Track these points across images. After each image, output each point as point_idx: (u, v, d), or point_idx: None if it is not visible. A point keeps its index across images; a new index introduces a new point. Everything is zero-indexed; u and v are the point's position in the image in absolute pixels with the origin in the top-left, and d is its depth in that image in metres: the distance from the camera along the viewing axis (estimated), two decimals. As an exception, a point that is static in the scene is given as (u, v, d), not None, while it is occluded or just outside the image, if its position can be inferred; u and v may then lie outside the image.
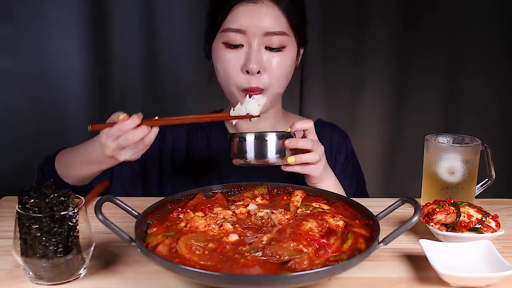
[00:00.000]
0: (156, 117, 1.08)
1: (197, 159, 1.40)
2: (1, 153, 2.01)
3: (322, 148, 1.16)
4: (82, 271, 0.83)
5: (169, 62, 2.07)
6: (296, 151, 1.12)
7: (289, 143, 1.10)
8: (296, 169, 1.13)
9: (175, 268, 0.74)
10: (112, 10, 1.98)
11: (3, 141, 2.00)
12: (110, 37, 2.01)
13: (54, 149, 1.34)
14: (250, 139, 1.10)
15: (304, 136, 1.16)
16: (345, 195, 1.13)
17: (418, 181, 1.23)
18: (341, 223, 0.89)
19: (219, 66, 1.25)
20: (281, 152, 1.10)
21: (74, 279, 0.82)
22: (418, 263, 0.90)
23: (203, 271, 0.71)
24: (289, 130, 1.14)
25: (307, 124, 1.15)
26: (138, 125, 1.04)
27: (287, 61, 1.24)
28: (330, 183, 1.21)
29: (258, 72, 1.20)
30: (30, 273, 0.80)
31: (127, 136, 1.04)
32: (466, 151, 1.14)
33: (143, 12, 2.01)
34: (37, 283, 0.81)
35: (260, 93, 1.22)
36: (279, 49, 1.22)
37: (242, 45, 1.21)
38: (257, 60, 1.19)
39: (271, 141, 1.10)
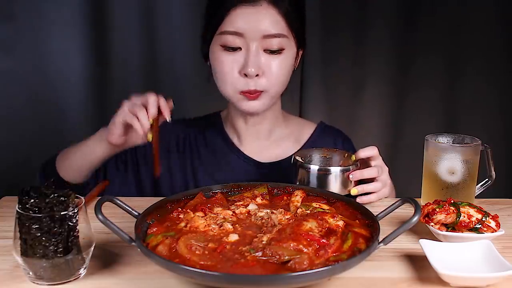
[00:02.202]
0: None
1: (194, 159, 1.39)
2: (0, 153, 2.01)
3: (386, 170, 1.19)
4: (82, 271, 0.83)
5: (169, 62, 2.07)
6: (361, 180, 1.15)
7: (353, 177, 1.13)
8: (364, 199, 1.15)
9: (175, 268, 0.74)
10: (112, 10, 1.98)
11: (3, 141, 2.00)
12: (110, 37, 2.01)
13: (54, 149, 1.34)
14: (314, 171, 1.13)
15: (368, 161, 1.17)
16: None
17: (418, 181, 1.23)
18: (341, 223, 0.89)
19: (217, 69, 1.24)
20: (345, 184, 1.13)
21: (74, 279, 0.82)
22: (418, 263, 0.89)
23: (203, 271, 0.71)
24: (353, 159, 1.17)
25: (372, 152, 1.16)
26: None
27: (286, 64, 1.23)
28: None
29: (257, 75, 1.20)
30: (30, 273, 0.80)
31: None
32: (466, 151, 1.14)
33: (143, 12, 2.01)
34: (37, 283, 0.81)
35: (257, 96, 1.22)
36: (278, 51, 1.20)
37: (240, 48, 1.20)
38: (255, 63, 1.18)
39: (335, 174, 1.12)
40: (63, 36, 1.98)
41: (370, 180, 1.16)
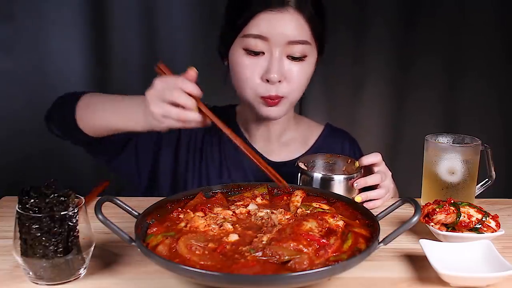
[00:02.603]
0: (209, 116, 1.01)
1: (207, 153, 1.37)
2: (0, 153, 2.01)
3: (390, 175, 1.19)
4: (82, 271, 0.83)
5: (169, 62, 2.06)
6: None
7: (357, 185, 1.13)
8: (369, 205, 1.15)
9: (175, 268, 0.74)
10: (112, 10, 1.98)
11: (3, 141, 2.00)
12: (110, 37, 2.01)
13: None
14: (317, 178, 1.13)
15: (372, 167, 1.17)
16: None
17: (418, 181, 1.23)
18: (341, 223, 0.89)
19: (238, 73, 1.21)
20: (349, 191, 1.13)
21: (74, 279, 0.82)
22: (418, 263, 0.90)
23: (203, 271, 0.71)
24: (357, 165, 1.17)
25: (375, 158, 1.16)
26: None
27: (307, 70, 1.22)
28: None
29: (279, 81, 1.17)
30: (30, 273, 0.80)
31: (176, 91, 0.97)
32: (466, 151, 1.14)
33: (143, 12, 2.01)
34: (37, 283, 0.81)
35: (278, 102, 1.20)
36: (300, 58, 1.19)
37: (263, 53, 1.17)
38: (278, 69, 1.16)
39: (339, 182, 1.12)
40: (63, 36, 1.98)
41: (374, 186, 1.16)
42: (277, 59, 1.16)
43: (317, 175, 1.13)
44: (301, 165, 1.19)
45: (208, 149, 1.37)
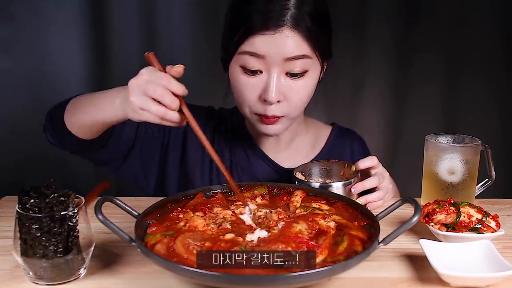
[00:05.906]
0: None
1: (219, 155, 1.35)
2: (0, 153, 2.01)
3: (387, 176, 1.19)
4: (82, 271, 0.83)
5: (169, 62, 2.07)
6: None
7: (355, 190, 1.13)
8: (371, 207, 1.14)
9: (175, 268, 0.74)
10: (112, 10, 1.98)
11: (3, 141, 2.00)
12: (110, 37, 2.01)
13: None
14: (315, 187, 1.12)
15: (369, 170, 1.17)
16: None
17: (418, 181, 1.23)
18: (332, 224, 0.88)
19: (236, 90, 1.18)
20: (348, 197, 1.10)
21: (74, 279, 0.82)
22: (418, 263, 0.90)
23: (203, 271, 0.71)
24: (354, 169, 1.17)
25: (371, 162, 1.16)
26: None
27: (308, 85, 1.17)
28: None
29: (278, 101, 1.14)
30: (30, 273, 0.80)
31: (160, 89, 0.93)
32: (466, 151, 1.14)
33: (143, 12, 2.02)
34: (37, 283, 0.81)
35: (275, 121, 1.17)
36: (301, 74, 1.13)
37: (261, 71, 1.12)
38: (276, 89, 1.11)
39: (337, 189, 1.12)
40: (63, 36, 1.98)
41: (373, 189, 1.16)
42: (275, 79, 1.11)
43: (315, 184, 1.13)
44: (298, 175, 1.19)
45: (216, 149, 1.34)
